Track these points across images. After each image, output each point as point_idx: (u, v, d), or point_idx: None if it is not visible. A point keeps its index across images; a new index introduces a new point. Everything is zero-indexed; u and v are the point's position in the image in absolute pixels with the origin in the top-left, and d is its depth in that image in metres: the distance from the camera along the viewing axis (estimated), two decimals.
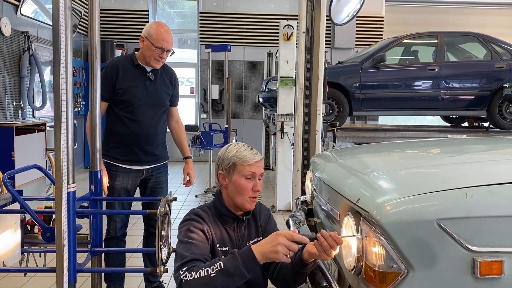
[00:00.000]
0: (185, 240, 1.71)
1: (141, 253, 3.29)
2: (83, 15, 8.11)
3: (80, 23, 8.18)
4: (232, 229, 1.86)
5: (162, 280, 3.16)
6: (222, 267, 1.54)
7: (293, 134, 4.92)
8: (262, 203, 2.00)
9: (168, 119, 3.07)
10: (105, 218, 2.84)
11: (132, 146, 2.83)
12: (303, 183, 3.93)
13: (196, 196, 6.35)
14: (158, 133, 2.93)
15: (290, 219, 2.36)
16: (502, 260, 1.33)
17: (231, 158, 1.82)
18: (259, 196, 1.92)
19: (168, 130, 3.10)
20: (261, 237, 1.95)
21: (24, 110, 6.23)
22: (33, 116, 6.54)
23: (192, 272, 1.56)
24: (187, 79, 10.29)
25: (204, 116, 9.64)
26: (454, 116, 7.15)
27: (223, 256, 1.77)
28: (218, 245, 1.79)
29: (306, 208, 2.47)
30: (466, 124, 7.15)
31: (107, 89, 2.70)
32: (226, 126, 5.97)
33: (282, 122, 5.67)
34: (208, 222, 1.79)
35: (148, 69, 2.84)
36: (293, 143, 5.04)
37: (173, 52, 2.85)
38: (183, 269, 1.59)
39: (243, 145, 1.87)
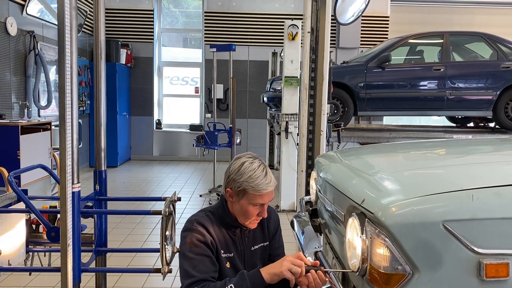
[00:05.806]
0: (191, 256, 1.70)
1: (144, 253, 3.28)
2: (89, 14, 8.13)
3: (86, 22, 8.21)
4: (235, 233, 1.85)
5: None
6: None
7: (298, 134, 4.90)
8: (270, 206, 1.90)
9: None
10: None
11: None
12: (307, 183, 3.92)
13: (201, 196, 6.35)
14: None
15: (294, 219, 2.35)
16: (509, 262, 1.32)
17: (243, 182, 1.71)
18: None
19: None
20: (267, 243, 1.94)
21: (30, 109, 6.26)
22: (39, 115, 6.57)
23: None
24: (191, 78, 10.30)
25: (209, 115, 9.64)
26: (460, 117, 7.11)
27: (227, 263, 1.78)
28: (222, 252, 1.78)
29: (310, 209, 2.46)
30: (471, 124, 7.11)
31: None
32: (231, 125, 5.96)
33: (287, 122, 5.66)
34: (212, 231, 1.76)
35: None
36: (297, 143, 5.03)
37: None
38: None
39: (258, 167, 1.73)
